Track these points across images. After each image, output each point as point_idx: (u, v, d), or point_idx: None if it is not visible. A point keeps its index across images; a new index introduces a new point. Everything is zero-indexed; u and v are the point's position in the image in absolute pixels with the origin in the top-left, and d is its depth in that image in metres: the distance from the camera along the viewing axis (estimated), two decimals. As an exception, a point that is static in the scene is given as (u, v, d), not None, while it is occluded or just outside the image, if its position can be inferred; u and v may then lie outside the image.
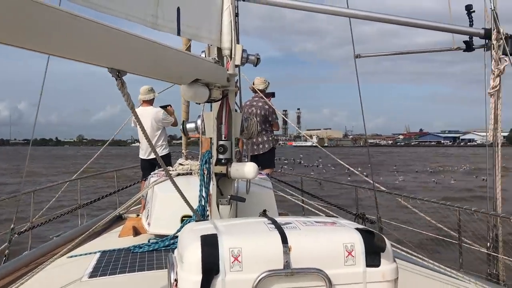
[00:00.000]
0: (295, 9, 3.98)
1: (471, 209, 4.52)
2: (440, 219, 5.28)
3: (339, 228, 2.29)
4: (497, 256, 4.29)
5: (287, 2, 3.98)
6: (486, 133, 4.21)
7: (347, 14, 4.16)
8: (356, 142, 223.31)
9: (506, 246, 4.38)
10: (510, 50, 4.02)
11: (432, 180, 30.20)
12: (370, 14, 4.05)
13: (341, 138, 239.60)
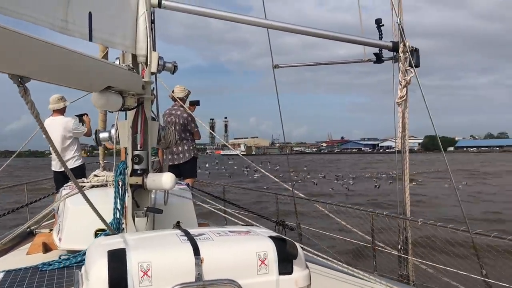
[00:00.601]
0: (213, 17, 3.95)
1: (382, 213, 4.73)
2: (357, 224, 5.48)
3: (253, 237, 2.29)
4: (407, 258, 4.51)
5: (204, 11, 3.95)
6: (395, 141, 4.43)
7: (264, 25, 4.21)
8: (283, 150, 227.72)
9: (415, 247, 4.63)
10: (416, 62, 4.28)
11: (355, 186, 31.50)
12: (287, 26, 4.14)
13: (268, 146, 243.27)
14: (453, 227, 4.00)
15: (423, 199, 21.31)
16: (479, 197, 23.34)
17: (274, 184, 27.95)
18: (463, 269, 4.08)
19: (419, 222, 4.25)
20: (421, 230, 4.71)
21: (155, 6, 3.68)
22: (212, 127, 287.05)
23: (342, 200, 21.37)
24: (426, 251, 4.90)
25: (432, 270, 4.42)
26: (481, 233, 3.76)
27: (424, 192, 25.02)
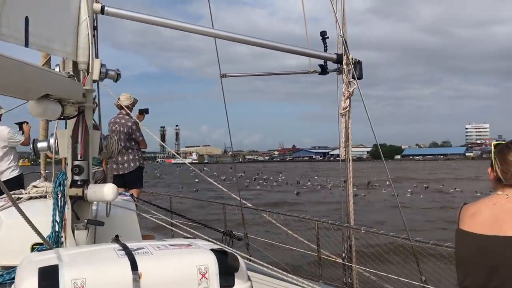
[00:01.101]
0: (158, 25, 3.90)
1: (327, 222, 4.82)
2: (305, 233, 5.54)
3: (194, 250, 2.26)
4: (351, 266, 4.60)
5: (150, 18, 3.89)
6: (340, 150, 4.52)
7: (211, 34, 4.20)
8: (236, 158, 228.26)
9: (360, 255, 4.73)
10: (358, 74, 4.40)
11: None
12: (234, 36, 4.15)
13: (221, 154, 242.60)
14: (394, 235, 4.12)
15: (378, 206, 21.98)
16: (431, 204, 24.36)
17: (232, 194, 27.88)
18: (404, 276, 4.21)
19: (362, 231, 4.35)
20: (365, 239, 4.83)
21: (97, 12, 3.58)
22: (162, 135, 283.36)
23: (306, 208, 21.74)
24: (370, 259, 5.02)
25: (375, 277, 4.53)
26: (421, 241, 3.89)
27: (378, 199, 25.81)
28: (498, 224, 2.15)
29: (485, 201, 2.30)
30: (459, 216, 2.37)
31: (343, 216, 4.68)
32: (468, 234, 2.25)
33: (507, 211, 2.17)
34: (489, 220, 2.19)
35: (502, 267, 2.11)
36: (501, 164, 2.26)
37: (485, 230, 2.18)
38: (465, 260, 2.28)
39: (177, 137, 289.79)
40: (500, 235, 2.12)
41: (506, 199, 2.21)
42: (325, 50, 4.49)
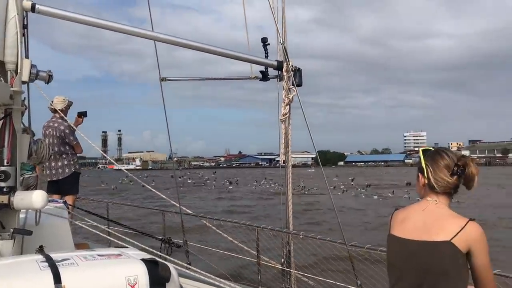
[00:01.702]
0: (94, 26, 3.75)
1: (267, 228, 4.82)
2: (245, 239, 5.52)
3: (123, 260, 2.17)
4: (290, 271, 4.62)
5: (84, 19, 3.72)
6: (280, 156, 4.55)
7: (150, 36, 4.09)
8: (181, 165, 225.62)
9: (297, 261, 4.76)
10: (298, 81, 4.45)
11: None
12: (174, 39, 4.07)
13: (166, 160, 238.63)
14: (331, 240, 4.18)
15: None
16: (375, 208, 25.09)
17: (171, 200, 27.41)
18: (341, 280, 4.28)
19: (300, 236, 4.39)
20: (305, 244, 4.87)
21: (28, 10, 3.39)
22: (104, 140, 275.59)
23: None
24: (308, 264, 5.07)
25: (313, 282, 4.58)
26: (356, 245, 3.97)
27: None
28: (427, 230, 2.20)
29: (415, 206, 2.35)
30: (390, 221, 2.41)
31: (282, 221, 4.71)
32: (398, 239, 2.30)
33: (436, 217, 2.22)
34: (418, 225, 2.24)
35: (431, 272, 2.16)
36: (434, 172, 2.28)
37: (414, 236, 2.23)
38: (395, 265, 2.33)
39: (120, 143, 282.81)
40: (429, 240, 2.17)
41: (435, 205, 2.27)
42: (266, 56, 4.51)
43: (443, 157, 2.30)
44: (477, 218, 2.25)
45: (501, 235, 17.84)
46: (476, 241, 2.13)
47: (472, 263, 2.17)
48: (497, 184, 44.92)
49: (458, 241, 2.12)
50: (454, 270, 2.14)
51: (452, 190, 2.29)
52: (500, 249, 15.38)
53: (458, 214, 2.22)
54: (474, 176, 2.26)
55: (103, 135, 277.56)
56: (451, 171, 2.25)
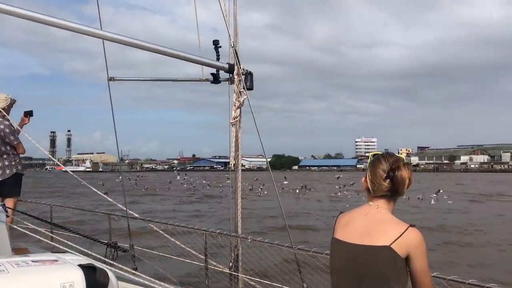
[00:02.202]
0: (36, 22, 3.59)
1: (215, 232, 4.78)
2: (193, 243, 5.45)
3: (59, 266, 2.08)
4: (237, 275, 4.60)
5: (29, 14, 3.53)
6: (230, 160, 4.52)
7: (98, 35, 3.97)
8: (133, 167, 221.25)
9: (246, 265, 4.74)
10: (249, 85, 4.45)
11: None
12: (123, 38, 3.96)
13: (117, 162, 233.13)
14: (279, 244, 4.19)
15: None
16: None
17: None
18: (288, 284, 4.29)
19: (248, 240, 4.37)
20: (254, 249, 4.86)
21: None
22: (53, 140, 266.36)
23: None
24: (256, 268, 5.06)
25: (260, 286, 4.57)
26: (303, 249, 4.00)
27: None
28: (368, 234, 2.23)
29: (358, 210, 2.38)
30: (335, 224, 2.44)
31: (231, 225, 4.68)
32: (341, 242, 2.33)
33: (376, 221, 2.26)
34: (360, 230, 2.27)
35: (370, 276, 2.19)
36: (371, 175, 2.34)
37: (356, 240, 2.26)
38: (337, 268, 2.35)
39: (69, 143, 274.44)
40: (369, 244, 2.21)
41: (377, 209, 2.31)
42: (218, 59, 4.48)
43: (381, 161, 2.35)
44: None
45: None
46: (415, 247, 2.18)
47: (411, 268, 2.22)
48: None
49: (397, 246, 2.16)
50: (393, 274, 2.18)
51: (389, 194, 2.33)
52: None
53: (399, 219, 2.26)
54: (404, 180, 2.29)
55: (52, 135, 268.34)
56: (385, 175, 2.30)
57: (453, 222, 24.34)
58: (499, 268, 13.83)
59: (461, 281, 3.05)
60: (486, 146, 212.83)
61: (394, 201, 2.38)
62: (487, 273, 12.86)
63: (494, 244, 17.92)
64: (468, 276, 3.21)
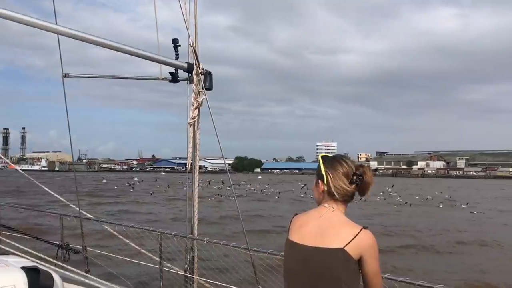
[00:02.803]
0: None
1: (171, 233, 4.70)
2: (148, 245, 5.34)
3: (0, 269, 1.98)
4: (192, 277, 4.54)
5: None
6: (188, 161, 4.46)
7: (52, 30, 3.83)
8: (91, 167, 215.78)
9: (203, 267, 4.69)
10: (208, 85, 4.41)
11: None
12: (79, 34, 3.84)
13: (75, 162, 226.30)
14: (235, 245, 4.17)
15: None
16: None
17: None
18: (243, 285, 4.28)
19: (205, 241, 4.33)
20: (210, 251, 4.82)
21: None
22: (5, 138, 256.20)
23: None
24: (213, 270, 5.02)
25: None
26: (259, 251, 3.99)
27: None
28: (322, 236, 2.23)
29: (313, 212, 2.38)
30: (289, 226, 2.43)
31: (187, 226, 4.61)
32: (295, 245, 2.32)
33: (331, 224, 2.26)
34: (314, 231, 2.27)
35: (324, 277, 2.19)
36: (334, 179, 2.32)
37: (310, 242, 2.25)
38: (291, 270, 2.34)
39: (23, 141, 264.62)
40: (323, 246, 2.21)
41: (332, 212, 2.31)
42: (177, 58, 4.42)
43: (342, 165, 2.35)
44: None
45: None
46: (367, 249, 2.20)
47: (363, 270, 2.24)
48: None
49: (351, 248, 2.17)
50: (346, 276, 2.19)
51: (349, 198, 2.35)
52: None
53: (352, 221, 2.28)
54: (369, 185, 2.34)
55: (4, 132, 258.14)
56: (349, 180, 2.31)
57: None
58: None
59: (411, 282, 3.11)
60: (442, 152, 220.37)
61: (347, 204, 2.39)
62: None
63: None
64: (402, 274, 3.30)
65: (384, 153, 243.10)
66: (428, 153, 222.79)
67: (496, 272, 13.96)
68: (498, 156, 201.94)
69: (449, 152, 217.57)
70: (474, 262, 15.43)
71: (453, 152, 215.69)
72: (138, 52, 4.00)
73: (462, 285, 11.31)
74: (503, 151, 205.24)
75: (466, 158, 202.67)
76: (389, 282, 3.18)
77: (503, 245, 19.06)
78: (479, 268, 14.47)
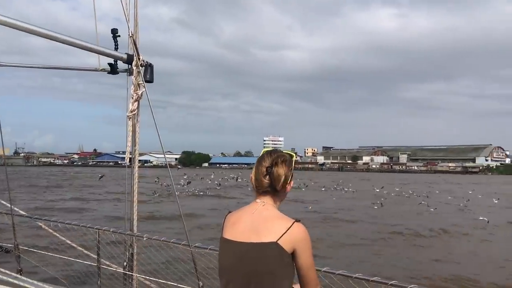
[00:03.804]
0: None
1: (109, 230, 4.56)
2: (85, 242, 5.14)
3: None
4: (132, 275, 4.42)
5: None
6: (126, 155, 4.32)
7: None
8: (29, 161, 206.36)
9: (141, 264, 4.57)
10: (149, 78, 4.29)
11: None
12: (13, 22, 3.59)
13: (11, 155, 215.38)
14: (175, 242, 4.09)
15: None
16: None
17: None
18: (184, 282, 4.21)
19: (144, 238, 4.22)
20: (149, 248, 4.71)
21: None
22: None
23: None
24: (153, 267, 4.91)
25: (156, 285, 4.44)
26: (199, 247, 3.94)
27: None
28: (255, 232, 2.23)
29: (246, 209, 2.37)
30: (223, 224, 2.41)
31: (126, 223, 4.48)
32: (229, 242, 2.30)
33: (264, 218, 2.26)
34: (248, 227, 2.26)
35: (258, 272, 2.19)
36: (255, 172, 2.36)
37: (244, 238, 2.24)
38: (226, 268, 2.32)
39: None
40: (257, 242, 2.20)
41: (263, 206, 2.32)
42: (116, 49, 4.26)
43: (265, 159, 2.38)
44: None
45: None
46: (300, 242, 2.21)
47: (297, 263, 2.25)
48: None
49: (284, 241, 2.18)
50: (280, 270, 2.19)
51: (270, 190, 2.35)
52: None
53: (285, 215, 2.28)
54: (280, 176, 2.31)
55: None
56: (265, 172, 2.33)
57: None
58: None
59: (348, 276, 3.17)
60: (385, 147, 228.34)
61: (280, 197, 2.41)
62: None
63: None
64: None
65: (330, 148, 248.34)
66: (372, 148, 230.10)
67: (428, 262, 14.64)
68: (437, 152, 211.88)
69: (392, 148, 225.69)
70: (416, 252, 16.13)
71: (396, 148, 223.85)
72: (73, 41, 3.82)
73: (400, 276, 11.73)
74: (442, 147, 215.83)
75: (408, 153, 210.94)
76: (328, 275, 3.22)
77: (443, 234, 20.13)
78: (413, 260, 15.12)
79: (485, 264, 14.52)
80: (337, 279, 3.23)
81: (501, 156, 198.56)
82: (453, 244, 18.46)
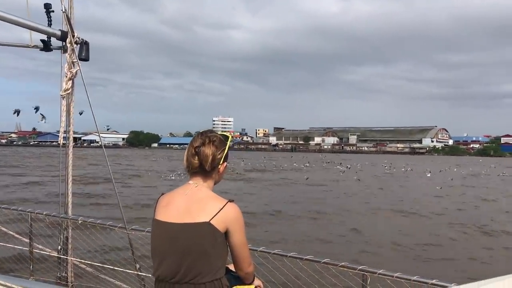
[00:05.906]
0: None
1: (42, 213, 4.41)
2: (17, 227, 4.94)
3: None
4: (66, 259, 4.32)
5: None
6: (60, 135, 4.15)
7: None
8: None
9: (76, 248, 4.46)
10: (85, 56, 4.12)
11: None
12: None
13: None
14: (112, 225, 4.03)
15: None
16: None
17: None
18: (120, 265, 4.16)
19: (79, 221, 4.12)
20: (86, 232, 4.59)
21: None
22: None
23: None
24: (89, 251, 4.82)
25: (92, 269, 4.36)
26: (137, 229, 3.89)
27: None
28: (188, 212, 2.24)
29: (179, 190, 2.38)
30: (155, 206, 2.40)
31: (60, 206, 4.34)
32: (161, 223, 2.30)
33: (197, 199, 2.28)
34: (181, 209, 2.27)
35: (191, 252, 2.20)
36: (186, 152, 2.37)
37: (177, 219, 2.25)
38: (158, 249, 2.32)
39: None
40: (190, 222, 2.22)
41: (196, 187, 2.33)
42: (50, 25, 4.06)
43: (196, 139, 2.40)
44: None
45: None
46: (233, 221, 2.25)
47: (230, 242, 2.29)
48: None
49: (216, 221, 2.20)
50: (213, 249, 2.22)
51: (200, 170, 2.35)
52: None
53: (218, 195, 2.30)
54: (207, 156, 2.33)
55: None
56: (194, 152, 2.34)
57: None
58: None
59: (283, 255, 3.25)
60: (335, 128, 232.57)
61: (213, 178, 2.42)
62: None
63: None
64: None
65: (282, 129, 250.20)
66: (324, 129, 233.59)
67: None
68: (385, 133, 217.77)
69: (342, 129, 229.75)
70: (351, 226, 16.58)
71: (345, 129, 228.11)
72: (3, 15, 3.58)
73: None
74: (389, 128, 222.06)
75: (357, 135, 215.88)
76: (263, 254, 3.28)
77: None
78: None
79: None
80: (272, 258, 3.30)
81: (445, 138, 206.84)
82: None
